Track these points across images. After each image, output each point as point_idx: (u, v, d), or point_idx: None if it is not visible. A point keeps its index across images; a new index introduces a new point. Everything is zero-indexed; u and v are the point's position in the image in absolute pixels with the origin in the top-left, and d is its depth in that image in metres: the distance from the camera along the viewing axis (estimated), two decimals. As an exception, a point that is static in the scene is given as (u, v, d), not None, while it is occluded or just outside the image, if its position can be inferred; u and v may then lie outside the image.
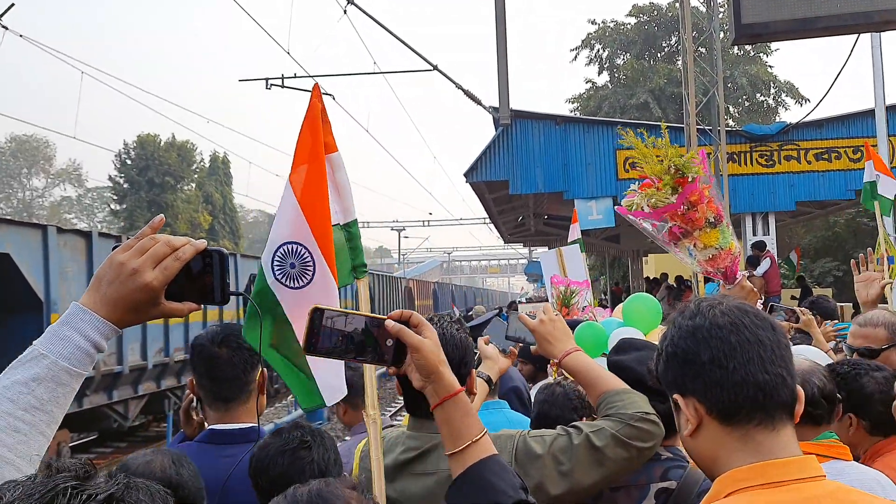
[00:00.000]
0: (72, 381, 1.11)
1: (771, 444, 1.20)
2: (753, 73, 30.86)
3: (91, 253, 11.04)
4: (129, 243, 1.18)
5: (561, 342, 2.02)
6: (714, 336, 1.22)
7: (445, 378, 1.35)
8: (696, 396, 1.24)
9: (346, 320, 1.30)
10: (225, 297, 1.20)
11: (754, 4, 2.73)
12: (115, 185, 48.51)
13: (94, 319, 1.13)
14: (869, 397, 2.33)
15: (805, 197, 14.12)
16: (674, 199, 2.44)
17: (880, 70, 10.02)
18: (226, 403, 2.20)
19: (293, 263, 1.94)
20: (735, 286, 2.70)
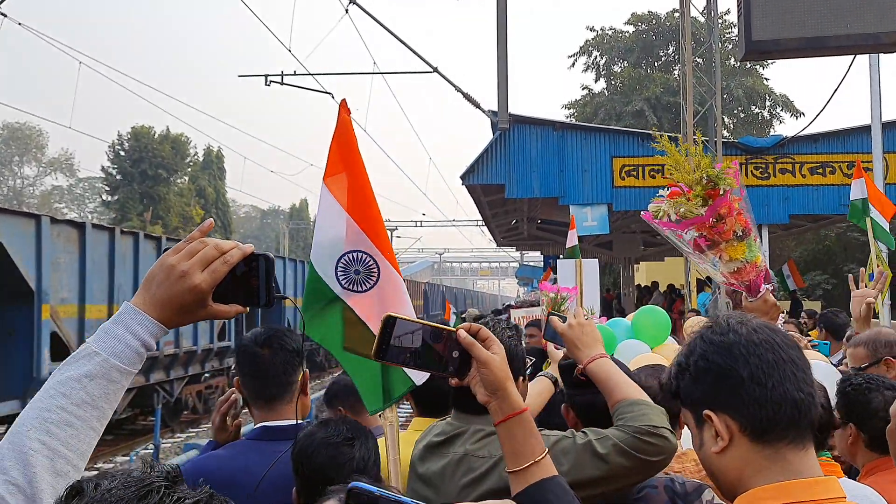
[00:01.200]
0: (122, 379, 1.14)
1: (799, 464, 1.20)
2: (749, 85, 31.03)
3: (84, 244, 11.00)
4: (178, 246, 1.21)
5: (589, 347, 2.01)
6: (752, 353, 1.22)
7: (511, 395, 1.36)
8: (730, 413, 1.22)
9: (416, 330, 1.32)
10: (270, 300, 1.24)
11: (765, 21, 2.75)
12: (107, 176, 48.30)
13: (144, 319, 1.17)
14: (873, 412, 2.36)
15: (799, 210, 14.21)
16: (703, 211, 2.44)
17: (877, 87, 10.09)
18: (269, 402, 2.28)
19: (357, 270, 2.07)
20: (758, 299, 2.69)
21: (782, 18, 2.62)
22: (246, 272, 1.22)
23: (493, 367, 1.34)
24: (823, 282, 25.68)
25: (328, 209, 2.11)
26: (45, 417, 1.08)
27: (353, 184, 2.11)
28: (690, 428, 1.32)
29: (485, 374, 1.34)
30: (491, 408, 1.37)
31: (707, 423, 1.25)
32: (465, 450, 1.88)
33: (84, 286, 11.02)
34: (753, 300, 2.66)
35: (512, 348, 1.92)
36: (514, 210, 19.51)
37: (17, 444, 1.06)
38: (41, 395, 1.11)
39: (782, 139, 14.18)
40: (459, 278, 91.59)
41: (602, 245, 22.16)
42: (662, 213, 2.49)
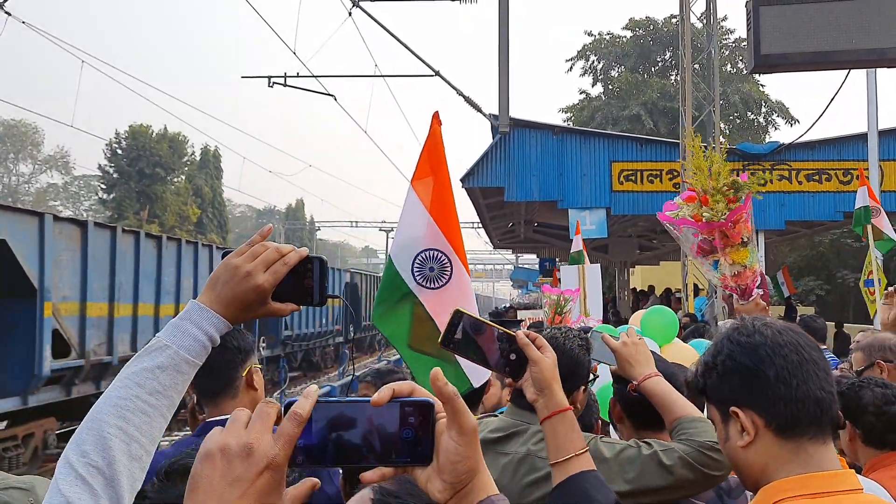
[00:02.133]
0: (189, 370, 1.23)
1: (821, 457, 1.28)
2: (746, 92, 31.21)
3: (86, 242, 11.00)
4: (241, 248, 1.29)
5: (642, 365, 2.08)
6: (778, 354, 1.30)
7: (557, 395, 1.49)
8: (756, 410, 1.30)
9: (481, 327, 1.43)
10: (323, 300, 1.32)
11: (774, 36, 2.85)
12: (104, 174, 48.19)
13: (210, 315, 1.25)
14: (864, 408, 2.48)
15: (795, 217, 14.33)
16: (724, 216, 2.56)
17: (874, 96, 10.22)
18: (214, 398, 2.36)
19: (432, 267, 2.20)
20: (750, 302, 2.81)
21: (790, 33, 2.72)
22: (302, 273, 1.30)
23: (543, 366, 1.47)
24: (817, 287, 25.85)
25: (412, 209, 2.25)
26: (122, 405, 1.15)
27: (437, 188, 2.26)
28: (716, 423, 1.40)
29: (535, 372, 1.47)
30: (538, 405, 1.50)
31: (733, 418, 1.32)
32: (527, 449, 1.94)
33: (85, 284, 11.04)
34: (745, 303, 2.78)
35: (578, 356, 2.04)
36: (511, 213, 19.59)
37: (95, 429, 1.13)
38: (117, 384, 1.18)
39: (779, 146, 14.31)
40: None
41: (598, 248, 22.25)
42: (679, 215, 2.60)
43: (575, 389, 2.03)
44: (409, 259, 2.23)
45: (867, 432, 2.47)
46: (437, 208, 2.25)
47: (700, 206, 2.55)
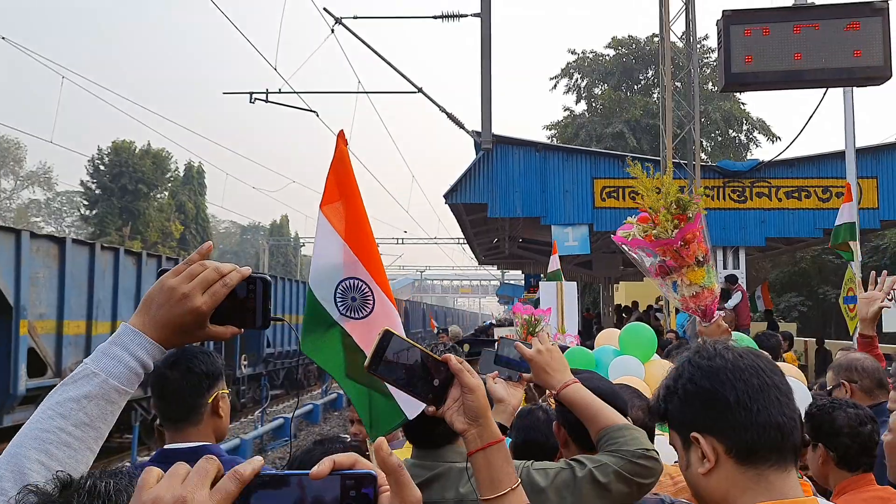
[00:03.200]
0: (119, 399, 1.15)
1: (782, 485, 1.24)
2: (727, 109, 31.52)
3: (63, 259, 10.89)
4: (178, 268, 1.22)
5: (559, 373, 2.01)
6: (738, 378, 1.26)
7: (492, 424, 1.38)
8: (716, 436, 1.26)
9: (408, 351, 1.35)
10: (266, 322, 1.25)
11: (743, 56, 2.86)
12: (86, 191, 47.88)
13: (143, 340, 1.18)
14: (838, 430, 2.47)
15: (775, 233, 14.43)
16: (674, 234, 2.55)
17: (851, 114, 10.33)
18: (176, 424, 2.26)
19: (354, 297, 2.12)
20: (712, 324, 2.81)
21: (760, 53, 2.74)
22: (245, 295, 1.23)
23: (480, 394, 1.36)
24: (799, 304, 26.01)
25: (326, 236, 2.16)
26: (44, 438, 1.08)
27: (349, 212, 2.16)
28: (677, 449, 1.36)
29: (471, 399, 1.35)
30: (469, 436, 1.37)
31: (694, 444, 1.29)
32: (456, 494, 1.83)
33: (63, 302, 10.91)
34: (707, 325, 2.77)
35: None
36: (495, 229, 19.62)
37: (15, 464, 1.06)
38: (39, 416, 1.11)
39: (759, 163, 14.44)
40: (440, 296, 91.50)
41: (582, 265, 22.31)
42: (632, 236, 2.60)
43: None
44: (331, 289, 2.16)
45: (841, 454, 2.45)
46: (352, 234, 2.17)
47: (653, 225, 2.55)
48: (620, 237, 2.73)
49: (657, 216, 2.59)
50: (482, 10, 13.20)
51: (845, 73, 2.76)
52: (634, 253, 2.74)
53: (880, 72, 2.75)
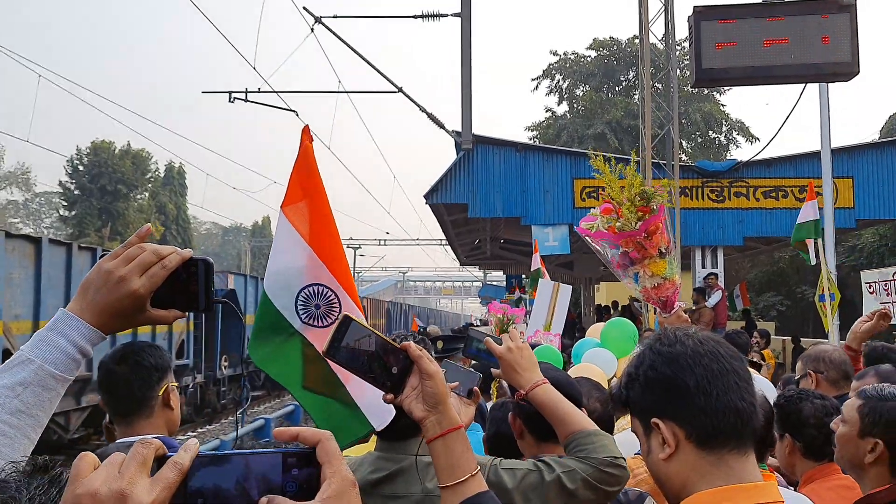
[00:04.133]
0: (57, 386, 1.12)
1: (741, 469, 1.25)
2: (707, 111, 31.79)
3: (40, 259, 10.78)
4: (116, 251, 1.19)
5: (528, 372, 1.98)
6: (698, 363, 1.27)
7: (451, 410, 1.37)
8: (676, 421, 1.27)
9: (367, 337, 1.33)
10: (209, 305, 1.23)
11: (714, 51, 2.89)
12: (65, 191, 47.40)
13: (80, 325, 1.14)
14: (804, 421, 2.51)
15: (753, 233, 14.58)
16: (637, 226, 2.57)
17: (826, 114, 10.45)
18: (126, 418, 2.27)
19: (318, 304, 1.98)
20: (672, 315, 2.83)
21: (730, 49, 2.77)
22: (186, 277, 1.21)
23: (439, 380, 1.35)
24: (777, 303, 26.27)
25: (286, 238, 2.02)
26: None
27: (313, 213, 2.03)
28: (639, 436, 1.37)
29: (430, 386, 1.34)
30: (429, 422, 1.36)
31: (655, 430, 1.29)
32: (424, 489, 1.79)
33: (39, 302, 10.79)
34: (667, 316, 2.79)
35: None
36: (477, 229, 19.65)
37: None
38: None
39: (737, 163, 14.58)
40: (423, 297, 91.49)
41: (563, 265, 22.41)
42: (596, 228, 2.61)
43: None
44: (292, 296, 2.00)
45: (808, 445, 2.50)
46: (316, 237, 2.01)
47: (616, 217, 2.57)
48: (584, 229, 2.75)
49: (620, 209, 2.61)
50: (462, 10, 13.22)
51: (813, 69, 2.80)
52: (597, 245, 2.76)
53: (848, 68, 2.79)
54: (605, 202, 2.70)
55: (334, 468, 0.83)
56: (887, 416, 2.13)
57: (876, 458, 2.11)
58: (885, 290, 6.83)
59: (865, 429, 2.14)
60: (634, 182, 2.60)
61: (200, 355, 15.85)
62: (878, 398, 2.17)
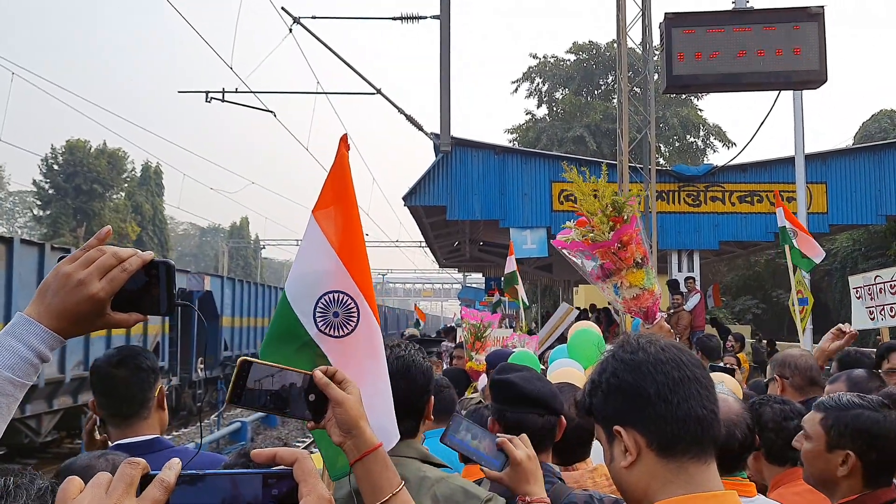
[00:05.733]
0: (15, 392, 1.10)
1: (702, 478, 1.25)
2: (684, 115, 32.06)
3: (11, 259, 10.62)
4: (75, 255, 1.17)
5: (537, 485, 1.91)
6: (659, 371, 1.26)
7: (366, 433, 1.36)
8: (638, 429, 1.27)
9: (274, 374, 1.31)
10: (171, 308, 1.21)
11: (685, 58, 2.91)
12: (39, 191, 46.74)
13: (38, 330, 1.12)
14: (763, 425, 2.53)
15: (728, 237, 14.71)
16: (609, 236, 2.57)
17: (800, 121, 10.59)
18: (126, 420, 2.33)
19: (337, 313, 1.93)
20: (654, 325, 2.83)
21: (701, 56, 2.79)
22: (147, 280, 1.19)
23: (347, 406, 1.34)
24: (753, 306, 26.53)
25: (313, 242, 1.96)
26: None
27: (343, 221, 1.98)
28: (602, 443, 1.36)
29: (339, 413, 1.34)
30: (346, 447, 1.37)
31: (617, 438, 1.29)
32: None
33: (10, 304, 10.62)
34: (650, 326, 2.80)
35: (422, 366, 1.98)
36: (456, 232, 19.65)
37: None
38: None
39: (712, 168, 14.71)
40: (402, 299, 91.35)
41: (542, 268, 22.47)
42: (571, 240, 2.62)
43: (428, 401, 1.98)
44: (312, 302, 1.93)
45: (768, 449, 2.51)
46: (344, 244, 1.96)
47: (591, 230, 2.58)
48: (560, 241, 2.75)
49: (594, 220, 2.62)
50: (441, 13, 13.22)
51: (783, 76, 2.83)
52: (574, 257, 2.76)
53: (816, 75, 2.82)
54: (579, 214, 2.71)
55: (310, 486, 0.86)
56: (854, 425, 2.08)
57: (849, 471, 2.07)
58: (869, 294, 6.92)
59: (833, 441, 2.10)
60: (605, 192, 2.61)
61: (176, 357, 15.70)
62: (839, 408, 2.13)
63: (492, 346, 5.00)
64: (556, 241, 2.76)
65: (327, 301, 1.92)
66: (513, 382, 2.20)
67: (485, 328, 4.40)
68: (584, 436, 2.37)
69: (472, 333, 4.51)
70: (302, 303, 1.94)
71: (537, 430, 2.14)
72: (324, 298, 1.93)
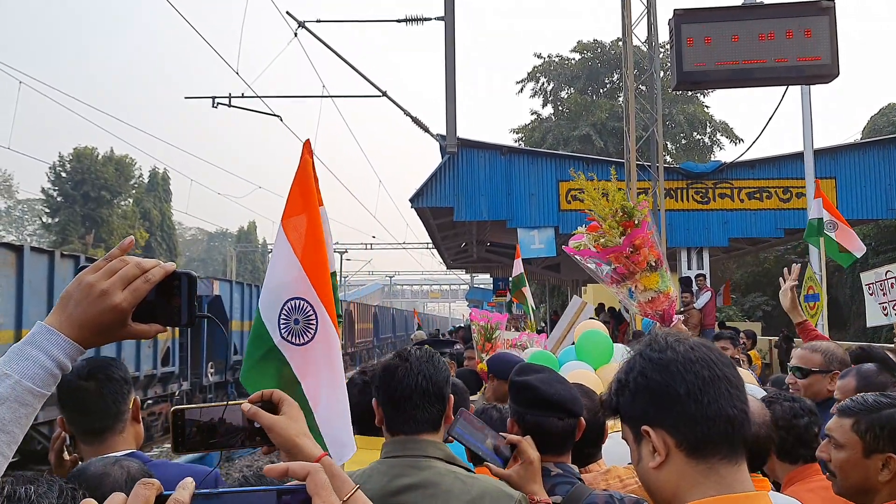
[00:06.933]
0: (35, 402, 1.09)
1: (732, 479, 1.23)
2: (691, 112, 31.94)
3: (22, 267, 10.65)
4: (98, 264, 1.17)
5: (541, 484, 1.98)
6: (689, 370, 1.25)
7: (304, 449, 1.33)
8: (667, 429, 1.25)
9: (209, 413, 1.29)
10: (191, 320, 1.20)
11: (695, 54, 2.89)
12: (48, 198, 46.95)
13: (59, 339, 1.11)
14: (774, 423, 2.49)
15: (738, 234, 14.64)
16: (621, 240, 2.55)
17: (809, 116, 10.52)
18: (100, 436, 2.19)
19: (297, 319, 1.93)
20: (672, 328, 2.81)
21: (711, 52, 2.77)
22: (169, 291, 1.19)
23: (277, 429, 1.31)
24: (763, 303, 26.40)
25: (281, 252, 1.99)
26: None
27: (308, 228, 2.00)
28: (629, 443, 1.34)
29: (273, 437, 1.32)
30: None
31: (645, 438, 1.27)
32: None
33: (21, 311, 10.66)
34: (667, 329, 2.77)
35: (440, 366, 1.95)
36: (463, 233, 19.63)
37: None
38: None
39: (721, 165, 14.64)
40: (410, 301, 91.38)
41: (550, 268, 22.43)
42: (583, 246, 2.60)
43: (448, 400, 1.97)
44: (277, 309, 1.94)
45: (779, 447, 2.47)
46: (308, 251, 1.97)
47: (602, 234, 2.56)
48: (571, 248, 2.73)
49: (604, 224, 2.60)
50: (446, 14, 13.22)
51: (794, 71, 2.81)
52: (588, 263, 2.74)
53: (828, 70, 2.79)
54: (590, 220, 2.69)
55: (322, 499, 0.88)
56: (891, 425, 2.01)
57: (892, 474, 1.99)
58: (882, 290, 6.87)
59: (870, 446, 2.02)
60: (615, 197, 2.59)
61: (186, 362, 15.73)
62: (869, 410, 2.06)
63: (502, 347, 4.97)
64: (568, 248, 2.74)
65: (290, 308, 1.94)
66: (533, 385, 2.18)
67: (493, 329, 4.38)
68: (595, 438, 2.35)
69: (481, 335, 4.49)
70: (269, 310, 1.96)
71: (558, 432, 2.13)
72: (287, 305, 1.95)
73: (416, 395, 1.87)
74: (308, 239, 1.99)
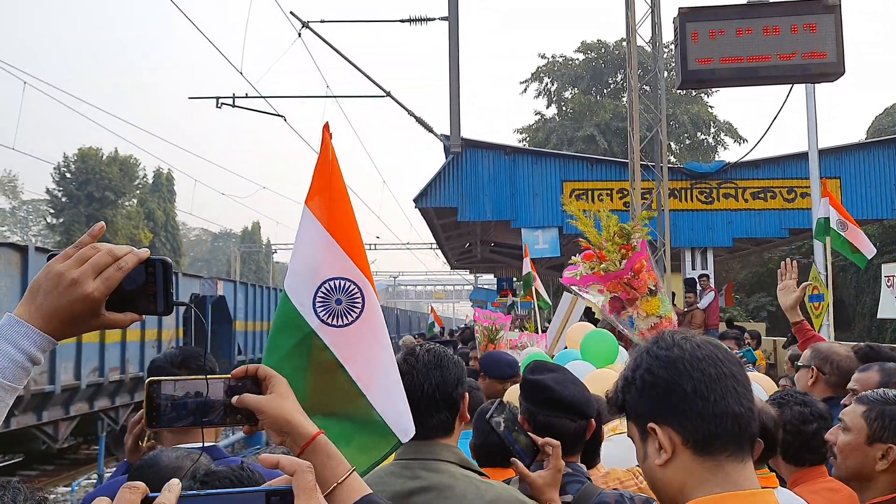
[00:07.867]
0: (6, 396, 1.05)
1: (738, 476, 1.23)
2: (695, 112, 31.89)
3: (26, 267, 10.69)
4: (67, 252, 1.12)
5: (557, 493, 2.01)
6: (696, 368, 1.25)
7: (300, 427, 1.28)
8: (673, 426, 1.25)
9: (188, 386, 1.23)
10: (168, 308, 1.16)
11: (699, 50, 2.88)
12: (52, 199, 47.06)
13: (29, 331, 1.07)
14: (782, 426, 2.48)
15: (742, 234, 14.61)
16: (622, 265, 2.54)
17: (813, 116, 10.50)
18: None
19: (339, 300, 1.84)
20: None
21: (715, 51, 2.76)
22: (144, 279, 1.14)
23: (267, 410, 1.26)
24: (768, 304, 26.34)
25: (308, 231, 1.88)
26: None
27: (335, 206, 1.91)
28: (635, 441, 1.34)
29: (263, 418, 1.26)
30: (287, 444, 1.29)
31: (651, 435, 1.27)
32: None
33: (25, 311, 10.68)
34: None
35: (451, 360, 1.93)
36: (467, 233, 19.62)
37: None
38: None
39: (725, 165, 14.62)
40: (414, 301, 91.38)
41: (554, 268, 22.38)
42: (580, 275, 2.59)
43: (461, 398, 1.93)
44: (311, 292, 1.82)
45: (784, 449, 2.47)
46: (339, 229, 1.87)
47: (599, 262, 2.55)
48: (569, 278, 2.73)
49: (602, 252, 2.59)
50: (450, 14, 13.22)
51: (799, 69, 2.80)
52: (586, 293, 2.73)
53: (833, 68, 2.78)
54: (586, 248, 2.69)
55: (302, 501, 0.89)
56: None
57: (889, 465, 2.06)
58: None
59: (875, 434, 2.09)
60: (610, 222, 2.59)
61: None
62: (885, 402, 2.12)
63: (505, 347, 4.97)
64: (565, 279, 2.74)
65: (328, 289, 1.84)
66: (547, 385, 2.18)
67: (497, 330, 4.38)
68: (593, 442, 2.35)
69: (484, 335, 4.49)
70: (301, 294, 1.85)
71: (569, 433, 2.14)
72: (324, 287, 1.84)
73: (423, 403, 1.84)
74: (340, 218, 1.91)
